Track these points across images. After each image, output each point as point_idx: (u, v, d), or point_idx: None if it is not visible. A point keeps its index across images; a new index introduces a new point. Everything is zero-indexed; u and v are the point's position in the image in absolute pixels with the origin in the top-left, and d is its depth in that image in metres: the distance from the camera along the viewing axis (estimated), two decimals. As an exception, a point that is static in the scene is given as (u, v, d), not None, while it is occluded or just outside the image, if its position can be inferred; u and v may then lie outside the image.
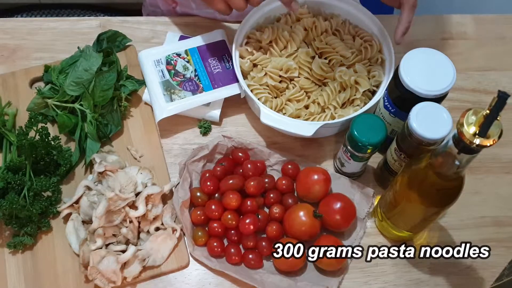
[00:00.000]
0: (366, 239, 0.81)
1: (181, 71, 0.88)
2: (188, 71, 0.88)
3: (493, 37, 1.01)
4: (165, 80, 0.87)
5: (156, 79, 0.87)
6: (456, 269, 0.79)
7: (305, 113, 0.85)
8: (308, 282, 0.75)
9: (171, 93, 0.86)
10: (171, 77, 0.87)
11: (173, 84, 0.86)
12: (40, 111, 0.85)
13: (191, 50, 0.90)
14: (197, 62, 0.89)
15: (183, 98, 0.86)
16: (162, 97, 0.85)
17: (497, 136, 0.51)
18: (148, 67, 0.88)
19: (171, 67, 0.88)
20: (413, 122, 0.67)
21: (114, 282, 0.73)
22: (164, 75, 0.87)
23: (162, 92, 0.86)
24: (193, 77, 0.87)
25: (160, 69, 0.87)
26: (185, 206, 0.79)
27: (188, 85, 0.87)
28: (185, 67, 0.88)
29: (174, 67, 0.88)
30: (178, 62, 0.88)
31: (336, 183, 0.83)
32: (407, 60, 0.71)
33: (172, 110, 0.85)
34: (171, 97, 0.85)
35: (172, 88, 0.86)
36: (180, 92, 0.86)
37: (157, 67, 0.88)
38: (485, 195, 0.85)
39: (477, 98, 0.94)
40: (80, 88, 0.83)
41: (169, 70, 0.88)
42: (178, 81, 0.87)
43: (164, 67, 0.88)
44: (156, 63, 0.88)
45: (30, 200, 0.76)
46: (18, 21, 1.01)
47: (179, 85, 0.86)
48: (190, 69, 0.88)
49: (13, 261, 0.77)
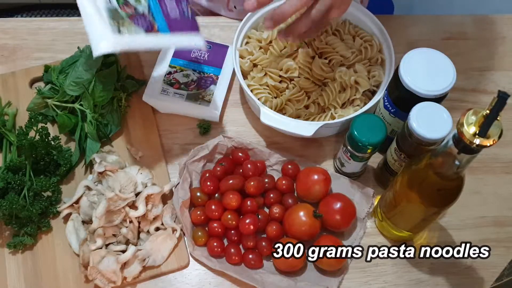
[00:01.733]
0: (366, 239, 0.81)
1: (132, 2, 0.72)
2: (141, 5, 0.73)
3: (493, 37, 1.01)
4: (112, 8, 0.70)
5: (101, 3, 0.70)
6: (456, 269, 0.79)
7: (305, 113, 0.85)
8: (308, 282, 0.75)
9: (119, 24, 0.70)
10: (119, 5, 0.71)
11: (122, 15, 0.71)
12: (40, 111, 0.85)
13: None
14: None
15: (134, 34, 0.71)
16: (108, 27, 0.69)
17: (497, 136, 0.51)
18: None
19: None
20: (413, 122, 0.67)
21: (114, 282, 0.73)
22: (111, 1, 0.71)
23: (108, 21, 0.69)
24: (146, 13, 0.73)
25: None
26: (185, 206, 0.79)
27: (140, 20, 0.72)
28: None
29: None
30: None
31: (336, 183, 0.83)
32: (407, 60, 0.71)
33: (121, 44, 0.69)
34: (118, 29, 0.69)
35: (119, 19, 0.70)
36: (130, 26, 0.71)
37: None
38: (485, 195, 0.85)
39: (477, 98, 0.94)
40: (80, 88, 0.83)
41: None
42: (128, 14, 0.72)
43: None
44: None
45: (30, 200, 0.76)
46: (18, 21, 1.01)
47: (130, 18, 0.71)
48: (142, 3, 0.73)
49: (13, 261, 0.77)
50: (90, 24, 0.70)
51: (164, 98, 0.87)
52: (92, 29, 0.69)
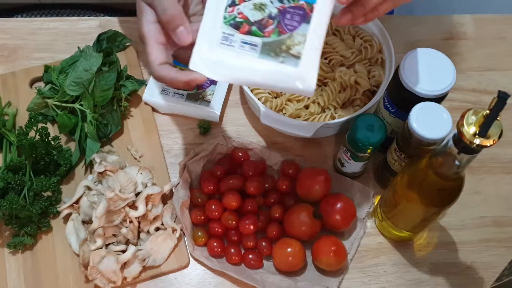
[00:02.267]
0: (366, 239, 0.81)
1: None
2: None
3: (493, 37, 1.01)
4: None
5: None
6: (456, 269, 0.79)
7: (305, 113, 0.85)
8: (308, 282, 0.75)
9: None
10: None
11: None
12: (40, 111, 0.85)
13: None
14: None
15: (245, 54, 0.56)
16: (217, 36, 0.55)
17: (497, 136, 0.51)
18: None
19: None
20: (413, 122, 0.66)
21: (114, 282, 0.73)
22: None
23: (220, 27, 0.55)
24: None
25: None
26: (185, 206, 0.79)
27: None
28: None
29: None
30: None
31: (336, 183, 0.82)
32: (407, 60, 0.71)
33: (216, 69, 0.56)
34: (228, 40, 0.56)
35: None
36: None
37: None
38: (485, 195, 0.85)
39: (477, 98, 0.94)
40: (80, 88, 0.83)
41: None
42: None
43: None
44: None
45: (30, 200, 0.76)
46: (18, 21, 1.01)
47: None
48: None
49: (13, 261, 0.77)
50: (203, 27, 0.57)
51: (164, 98, 0.87)
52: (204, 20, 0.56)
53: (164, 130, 0.88)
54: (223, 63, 0.56)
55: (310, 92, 0.56)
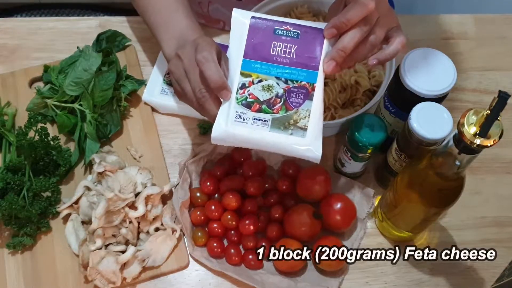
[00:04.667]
0: (367, 240, 0.81)
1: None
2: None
3: (493, 37, 1.01)
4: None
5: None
6: (456, 269, 0.79)
7: (305, 113, 0.84)
8: (308, 282, 0.75)
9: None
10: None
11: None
12: (40, 111, 0.85)
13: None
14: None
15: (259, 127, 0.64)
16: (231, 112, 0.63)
17: (497, 136, 0.51)
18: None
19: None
20: (413, 122, 0.66)
21: (114, 282, 0.73)
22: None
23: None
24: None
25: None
26: (185, 207, 0.79)
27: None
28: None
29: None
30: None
31: (336, 183, 0.82)
32: (407, 60, 0.71)
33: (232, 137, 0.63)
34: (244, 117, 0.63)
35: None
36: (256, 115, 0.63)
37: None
38: (485, 195, 0.85)
39: (477, 98, 0.94)
40: (79, 88, 0.82)
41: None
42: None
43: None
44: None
45: (29, 200, 0.76)
46: (17, 21, 1.01)
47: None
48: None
49: (12, 261, 0.76)
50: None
51: (164, 98, 0.87)
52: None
53: (164, 130, 0.88)
54: (239, 137, 0.62)
55: (317, 159, 0.62)
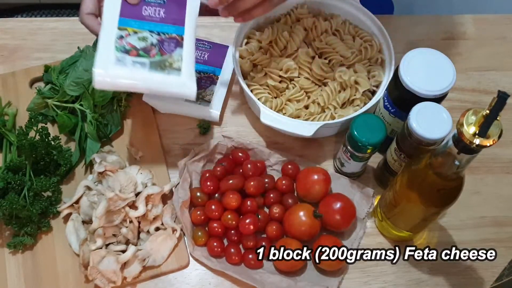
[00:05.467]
0: (366, 239, 0.81)
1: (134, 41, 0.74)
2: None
3: (493, 37, 1.01)
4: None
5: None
6: (456, 269, 0.79)
7: (305, 113, 0.85)
8: (308, 282, 0.75)
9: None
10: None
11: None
12: (40, 111, 0.85)
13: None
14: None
15: (138, 66, 0.72)
16: (112, 53, 0.71)
17: (497, 136, 0.51)
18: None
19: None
20: (413, 122, 0.67)
21: (114, 282, 0.73)
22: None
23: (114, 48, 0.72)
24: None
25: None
26: (185, 206, 0.79)
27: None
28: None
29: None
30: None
31: (336, 183, 0.83)
32: (407, 60, 0.71)
33: (116, 76, 0.71)
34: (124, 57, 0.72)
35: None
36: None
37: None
38: (485, 195, 0.85)
39: (477, 98, 0.94)
40: (80, 88, 0.83)
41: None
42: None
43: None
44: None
45: (30, 200, 0.76)
46: (18, 21, 1.01)
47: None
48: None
49: (13, 261, 0.77)
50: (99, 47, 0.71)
51: (165, 98, 0.87)
52: (98, 50, 0.71)
53: (164, 130, 0.88)
54: (121, 77, 0.70)
55: (193, 94, 0.73)
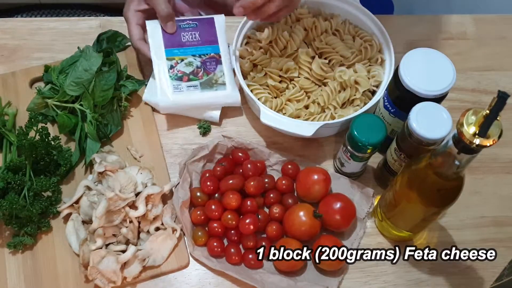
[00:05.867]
0: (366, 239, 0.81)
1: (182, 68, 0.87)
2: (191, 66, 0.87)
3: (493, 37, 1.02)
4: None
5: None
6: (456, 269, 0.79)
7: (305, 113, 0.85)
8: (308, 282, 0.75)
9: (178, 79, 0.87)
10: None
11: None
12: (40, 111, 0.85)
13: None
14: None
15: (192, 89, 0.86)
16: (169, 84, 0.86)
17: (497, 136, 0.51)
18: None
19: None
20: (413, 122, 0.67)
21: (114, 282, 0.73)
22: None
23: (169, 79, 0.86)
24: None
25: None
26: (185, 206, 0.79)
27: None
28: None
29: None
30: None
31: (336, 183, 0.83)
32: (407, 60, 0.71)
33: (178, 102, 0.86)
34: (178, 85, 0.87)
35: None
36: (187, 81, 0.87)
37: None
38: (485, 195, 0.85)
39: (477, 98, 0.94)
40: (80, 88, 0.83)
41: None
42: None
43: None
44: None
45: (30, 200, 0.76)
46: (18, 21, 1.01)
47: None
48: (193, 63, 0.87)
49: (13, 261, 0.77)
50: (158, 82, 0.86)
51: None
52: (157, 83, 0.86)
53: (164, 130, 0.88)
54: (180, 101, 0.85)
55: (238, 101, 0.87)
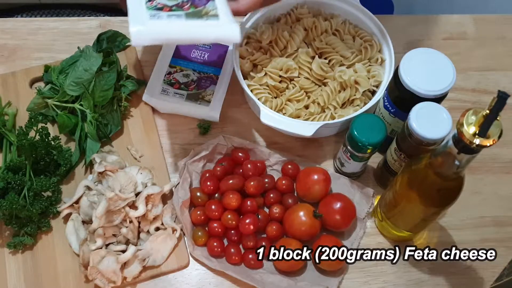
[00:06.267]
0: (366, 239, 0.81)
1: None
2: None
3: (493, 37, 1.01)
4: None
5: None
6: (456, 269, 0.79)
7: (305, 113, 0.85)
8: (308, 282, 0.75)
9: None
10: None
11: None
12: (40, 111, 0.85)
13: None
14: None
15: (174, 17, 0.69)
16: (144, 10, 0.68)
17: (497, 136, 0.51)
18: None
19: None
20: (413, 122, 0.67)
21: (114, 282, 0.73)
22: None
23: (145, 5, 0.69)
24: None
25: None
26: (185, 206, 0.79)
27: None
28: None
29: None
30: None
31: (336, 183, 0.83)
32: (407, 60, 0.71)
33: (157, 32, 0.68)
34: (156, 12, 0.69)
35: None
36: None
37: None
38: (485, 195, 0.85)
39: (477, 98, 0.94)
40: (80, 88, 0.83)
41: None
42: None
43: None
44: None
45: (30, 200, 0.76)
46: (18, 21, 1.01)
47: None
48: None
49: (13, 261, 0.77)
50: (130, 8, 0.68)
51: (164, 98, 0.87)
52: (130, 13, 0.68)
53: (164, 130, 0.88)
54: (158, 29, 0.66)
55: (237, 36, 0.67)
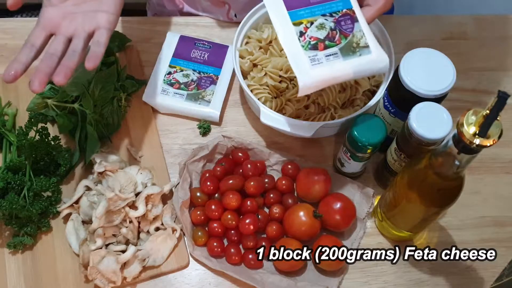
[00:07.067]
0: (366, 239, 0.81)
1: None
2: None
3: (493, 37, 1.01)
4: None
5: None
6: (456, 269, 0.79)
7: (305, 113, 0.85)
8: (308, 282, 0.75)
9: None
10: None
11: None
12: (40, 111, 0.85)
13: None
14: None
15: (332, 60, 0.68)
16: (304, 57, 0.67)
17: (497, 136, 0.51)
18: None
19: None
20: (413, 122, 0.67)
21: (114, 282, 0.73)
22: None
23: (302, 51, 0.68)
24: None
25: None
26: (185, 206, 0.79)
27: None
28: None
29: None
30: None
31: (336, 183, 0.83)
32: (407, 60, 0.71)
33: (321, 77, 0.68)
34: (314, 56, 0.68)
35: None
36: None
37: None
38: (485, 195, 0.85)
39: (477, 98, 0.94)
40: (80, 88, 0.82)
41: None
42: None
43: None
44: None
45: (30, 200, 0.76)
46: (18, 21, 1.01)
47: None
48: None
49: (13, 261, 0.77)
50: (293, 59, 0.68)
51: (164, 98, 0.87)
52: (290, 59, 0.68)
53: (164, 130, 0.88)
54: (322, 78, 0.67)
55: (387, 67, 0.70)
